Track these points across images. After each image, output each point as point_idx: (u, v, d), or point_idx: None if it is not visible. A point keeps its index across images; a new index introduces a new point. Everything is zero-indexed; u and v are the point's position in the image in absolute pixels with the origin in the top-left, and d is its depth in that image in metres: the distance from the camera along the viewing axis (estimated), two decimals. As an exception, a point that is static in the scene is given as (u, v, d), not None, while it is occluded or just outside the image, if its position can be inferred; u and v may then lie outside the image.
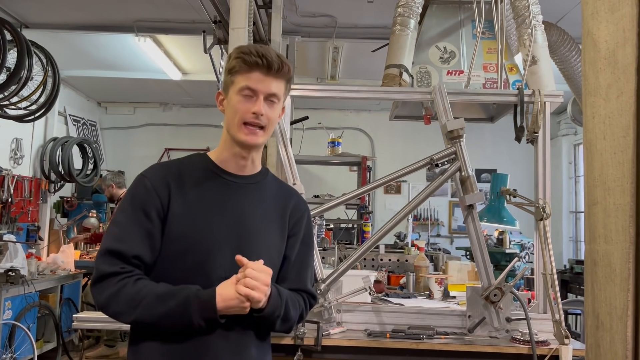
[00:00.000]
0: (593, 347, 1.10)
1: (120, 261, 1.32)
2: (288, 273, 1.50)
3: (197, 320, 1.28)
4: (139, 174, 1.43)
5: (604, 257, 1.07)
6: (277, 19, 3.59)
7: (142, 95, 7.46)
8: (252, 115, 1.37)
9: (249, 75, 1.38)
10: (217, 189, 1.42)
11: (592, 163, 1.12)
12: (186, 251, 1.36)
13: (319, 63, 5.87)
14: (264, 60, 1.36)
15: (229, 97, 1.41)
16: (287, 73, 1.42)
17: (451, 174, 2.32)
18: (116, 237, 1.35)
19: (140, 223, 1.35)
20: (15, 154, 5.64)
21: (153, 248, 1.36)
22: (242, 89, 1.38)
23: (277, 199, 1.51)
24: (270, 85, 1.39)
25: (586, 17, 1.15)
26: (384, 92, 2.63)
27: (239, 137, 1.39)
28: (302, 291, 1.50)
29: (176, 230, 1.36)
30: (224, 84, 1.44)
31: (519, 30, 2.82)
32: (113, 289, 1.30)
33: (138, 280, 1.32)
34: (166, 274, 1.35)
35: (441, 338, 2.20)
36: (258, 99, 1.38)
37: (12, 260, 4.32)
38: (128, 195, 1.41)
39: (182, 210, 1.37)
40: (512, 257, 3.81)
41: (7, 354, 4.08)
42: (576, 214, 7.31)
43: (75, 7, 4.59)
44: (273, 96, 1.40)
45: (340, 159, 5.27)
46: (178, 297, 1.29)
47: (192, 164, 1.47)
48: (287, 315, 1.40)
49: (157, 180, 1.39)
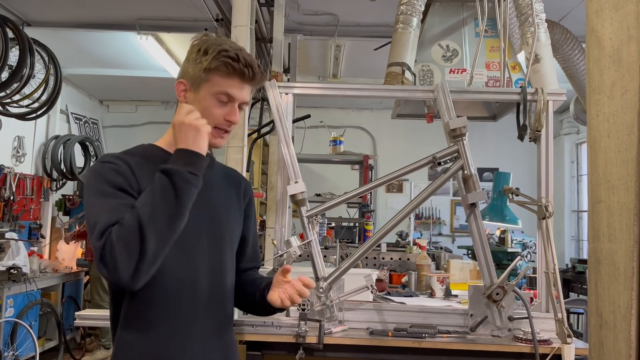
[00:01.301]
0: (596, 346, 1.09)
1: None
2: (247, 252, 1.58)
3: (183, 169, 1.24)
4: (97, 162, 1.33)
5: (608, 255, 1.07)
6: (279, 17, 3.59)
7: (144, 93, 7.46)
8: (225, 122, 1.37)
9: (228, 80, 1.34)
10: None
11: (596, 161, 1.12)
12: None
13: (321, 61, 5.86)
14: (249, 70, 1.34)
15: (200, 95, 1.36)
16: (263, 81, 1.43)
17: (453, 173, 2.31)
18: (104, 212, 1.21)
19: (121, 197, 1.25)
20: (17, 152, 5.65)
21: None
22: (219, 93, 1.35)
23: (230, 182, 1.55)
24: (246, 93, 1.39)
25: (590, 14, 1.14)
26: (386, 90, 2.62)
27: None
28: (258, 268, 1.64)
29: None
30: (192, 77, 1.37)
31: (522, 29, 2.81)
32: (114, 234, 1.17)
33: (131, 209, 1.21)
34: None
35: (443, 337, 2.19)
36: (234, 107, 1.37)
37: (14, 258, 4.33)
38: (96, 182, 1.27)
39: None
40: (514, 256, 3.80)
41: (9, 351, 4.09)
42: (578, 213, 7.30)
43: (77, 5, 4.59)
44: (245, 104, 1.41)
45: (342, 158, 5.27)
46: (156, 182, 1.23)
47: (146, 154, 1.41)
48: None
49: (121, 165, 1.31)
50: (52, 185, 6.13)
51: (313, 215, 2.27)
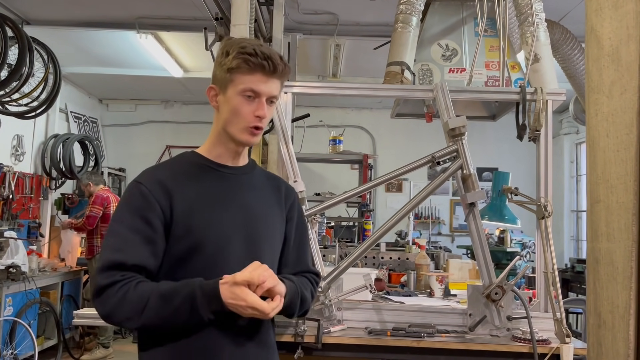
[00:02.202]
0: (595, 346, 1.09)
1: (119, 271, 1.28)
2: (290, 256, 1.53)
3: (206, 313, 1.26)
4: (132, 181, 1.40)
5: (607, 255, 1.07)
6: (279, 16, 3.58)
7: (144, 92, 7.45)
8: (255, 119, 1.38)
9: (251, 76, 1.36)
10: (215, 182, 1.42)
11: (595, 161, 1.11)
12: (196, 248, 1.34)
13: (320, 61, 5.86)
14: (269, 63, 1.35)
15: (228, 96, 1.39)
16: (287, 73, 1.42)
17: (453, 172, 2.31)
18: (114, 248, 1.31)
19: (139, 230, 1.31)
20: (17, 151, 5.64)
21: (155, 254, 1.33)
22: (245, 91, 1.37)
23: (270, 186, 1.54)
24: (272, 87, 1.39)
25: (590, 13, 1.14)
26: (385, 90, 2.62)
27: (240, 138, 1.40)
28: (306, 272, 1.53)
29: (182, 230, 1.33)
30: (220, 80, 1.41)
31: (522, 28, 2.81)
32: (115, 297, 1.26)
33: (139, 283, 1.28)
34: (177, 275, 1.32)
35: (442, 336, 2.19)
36: (261, 102, 1.38)
37: (13, 256, 4.33)
38: (123, 203, 1.37)
39: (184, 209, 1.35)
40: (513, 256, 3.80)
41: (8, 350, 4.08)
42: (577, 212, 7.30)
43: (76, 4, 4.58)
44: (274, 97, 1.41)
45: (341, 157, 5.26)
46: (182, 293, 1.26)
47: (184, 162, 1.46)
48: (303, 297, 1.44)
49: (153, 184, 1.35)
50: (51, 184, 6.12)
51: (312, 214, 2.27)
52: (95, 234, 5.22)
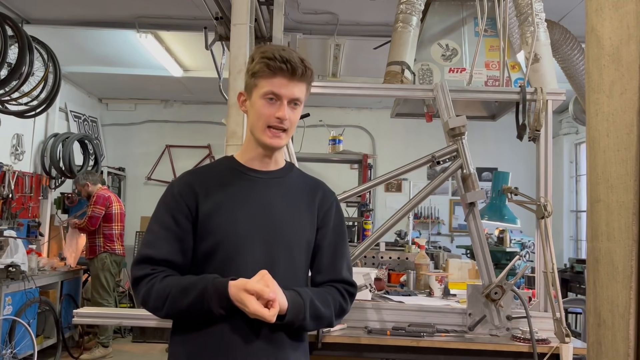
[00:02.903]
0: (595, 345, 1.09)
1: (150, 265, 1.40)
2: (322, 264, 1.52)
3: (216, 308, 1.33)
4: (169, 183, 1.55)
5: (607, 254, 1.07)
6: (279, 16, 3.58)
7: (143, 91, 7.45)
8: (276, 119, 1.42)
9: (272, 80, 1.41)
10: (241, 185, 1.48)
11: (595, 160, 1.11)
12: (216, 247, 1.41)
13: (320, 60, 5.86)
14: (288, 65, 1.40)
15: (252, 100, 1.46)
16: (310, 77, 1.45)
17: (453, 172, 2.31)
18: (147, 244, 1.44)
19: (169, 228, 1.43)
20: (16, 150, 5.63)
21: (183, 251, 1.43)
22: (266, 94, 1.42)
23: (303, 191, 1.54)
24: (293, 89, 1.43)
25: (590, 13, 1.14)
26: (385, 89, 2.62)
27: (263, 140, 1.45)
28: (338, 281, 1.51)
29: (206, 229, 1.42)
30: (247, 85, 1.48)
31: (522, 28, 2.81)
32: (145, 288, 1.38)
33: (165, 277, 1.39)
34: (203, 269, 1.41)
35: (441, 336, 2.19)
36: (282, 104, 1.42)
37: (13, 255, 4.32)
38: (160, 203, 1.50)
39: (210, 210, 1.43)
40: (513, 256, 3.80)
41: (8, 349, 4.08)
42: (577, 213, 7.30)
43: (76, 3, 4.57)
44: (296, 100, 1.44)
45: (341, 157, 5.26)
46: (197, 287, 1.34)
47: (218, 166, 1.56)
48: (317, 314, 1.41)
49: (183, 187, 1.47)
50: (50, 183, 6.11)
51: (312, 213, 2.26)
52: (97, 233, 5.22)
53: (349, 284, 1.52)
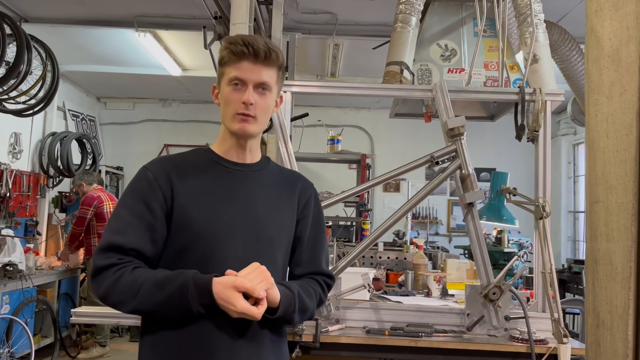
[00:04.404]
0: (593, 346, 1.09)
1: (117, 254, 1.30)
2: (302, 256, 1.49)
3: (196, 307, 1.24)
4: (142, 167, 1.42)
5: (606, 255, 1.07)
6: (278, 16, 3.58)
7: (142, 90, 7.44)
8: (242, 105, 1.37)
9: (237, 65, 1.37)
10: (220, 177, 1.42)
11: (594, 161, 1.11)
12: (195, 240, 1.33)
13: (319, 60, 5.85)
14: (249, 48, 1.35)
15: (221, 89, 1.42)
16: (276, 60, 1.40)
17: (451, 172, 2.32)
18: (115, 230, 1.32)
19: (141, 215, 1.33)
20: (14, 149, 5.62)
21: (154, 241, 1.34)
22: (232, 80, 1.38)
23: (282, 184, 1.50)
24: (259, 74, 1.37)
25: (590, 14, 1.14)
26: (384, 89, 2.62)
27: (232, 127, 1.39)
28: (318, 274, 1.49)
29: (183, 220, 1.34)
30: (218, 76, 1.44)
31: (521, 29, 2.81)
32: (110, 279, 1.27)
33: (135, 268, 1.29)
34: (176, 266, 1.31)
35: (440, 336, 2.19)
36: (247, 89, 1.37)
37: (10, 254, 4.32)
38: (130, 188, 1.39)
39: (187, 200, 1.35)
40: (511, 256, 3.80)
41: (5, 348, 4.08)
42: (575, 213, 7.31)
43: (75, 2, 4.56)
44: (263, 84, 1.39)
45: (339, 157, 5.26)
46: (175, 282, 1.25)
47: (194, 156, 1.47)
48: (303, 306, 1.39)
49: (159, 172, 1.38)
50: (48, 182, 6.10)
51: (310, 213, 2.26)
52: (92, 233, 5.20)
53: (328, 277, 1.52)
